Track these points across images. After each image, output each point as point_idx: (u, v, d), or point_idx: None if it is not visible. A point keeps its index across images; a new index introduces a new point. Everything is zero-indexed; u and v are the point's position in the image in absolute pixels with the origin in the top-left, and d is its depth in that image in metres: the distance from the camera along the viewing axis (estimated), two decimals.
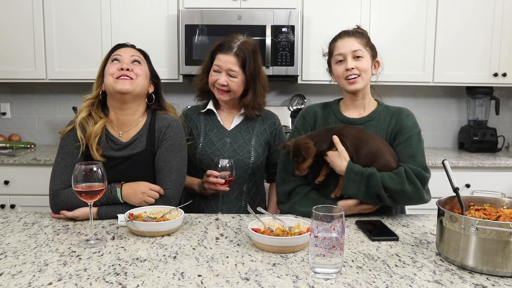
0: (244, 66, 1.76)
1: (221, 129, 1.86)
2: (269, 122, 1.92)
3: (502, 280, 1.04)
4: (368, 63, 1.57)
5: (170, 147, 1.60)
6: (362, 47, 1.57)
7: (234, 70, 1.75)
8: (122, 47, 1.65)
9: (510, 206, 1.24)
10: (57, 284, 1.00)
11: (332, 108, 1.70)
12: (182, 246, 1.26)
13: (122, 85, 1.54)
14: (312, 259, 1.05)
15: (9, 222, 1.47)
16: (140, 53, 1.66)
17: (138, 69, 1.60)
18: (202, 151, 1.82)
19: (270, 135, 1.90)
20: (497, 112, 3.14)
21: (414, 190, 1.46)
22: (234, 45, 1.77)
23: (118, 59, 1.59)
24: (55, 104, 3.37)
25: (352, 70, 1.55)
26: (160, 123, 1.64)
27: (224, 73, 1.76)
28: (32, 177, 2.73)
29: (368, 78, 1.59)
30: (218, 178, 1.69)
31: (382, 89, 1.73)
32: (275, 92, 3.38)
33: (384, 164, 1.51)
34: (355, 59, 1.56)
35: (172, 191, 1.57)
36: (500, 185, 2.73)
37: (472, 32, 2.98)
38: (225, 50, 1.77)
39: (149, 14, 2.92)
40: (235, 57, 1.75)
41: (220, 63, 1.76)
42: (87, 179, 1.26)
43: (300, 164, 1.55)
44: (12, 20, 2.92)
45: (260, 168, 1.89)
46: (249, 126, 1.88)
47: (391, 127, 1.59)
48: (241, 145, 1.84)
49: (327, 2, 2.93)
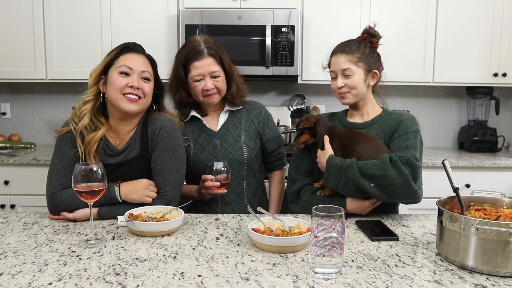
0: (222, 62, 1.76)
1: (209, 132, 1.84)
2: (254, 113, 1.90)
3: (502, 280, 1.04)
4: (358, 79, 1.59)
5: (166, 149, 1.57)
6: (353, 64, 1.59)
7: (216, 70, 1.74)
8: (132, 52, 1.57)
9: (510, 206, 1.24)
10: (57, 284, 1.00)
11: (338, 115, 1.75)
12: (182, 246, 1.26)
13: (129, 105, 1.51)
14: (312, 259, 1.05)
15: (9, 222, 1.47)
16: (149, 63, 1.59)
17: (147, 88, 1.55)
18: (194, 159, 1.81)
19: (258, 125, 1.89)
20: (497, 112, 3.14)
21: (399, 176, 1.42)
22: (201, 47, 1.74)
23: (128, 73, 1.52)
24: (55, 104, 3.37)
25: (342, 88, 1.61)
26: (152, 125, 1.59)
27: (207, 77, 1.73)
28: (32, 177, 2.73)
29: (360, 92, 1.61)
30: (214, 181, 1.67)
31: (382, 89, 1.74)
32: (275, 92, 3.38)
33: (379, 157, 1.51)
34: (345, 77, 1.60)
35: (172, 193, 1.56)
36: (500, 185, 2.73)
37: (472, 32, 2.98)
38: (198, 56, 1.73)
39: (149, 14, 2.92)
40: (211, 58, 1.74)
41: (200, 70, 1.72)
42: (87, 179, 1.26)
43: (298, 136, 1.68)
44: (12, 20, 2.92)
45: (255, 161, 1.88)
46: (236, 122, 1.86)
47: (390, 127, 1.61)
48: (231, 143, 1.83)
49: (327, 2, 2.93)
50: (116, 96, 1.51)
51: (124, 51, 1.56)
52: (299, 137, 1.67)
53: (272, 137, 1.92)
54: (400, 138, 1.55)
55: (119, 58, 1.55)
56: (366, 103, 1.67)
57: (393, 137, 1.58)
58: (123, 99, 1.51)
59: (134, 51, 1.58)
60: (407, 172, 1.42)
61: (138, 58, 1.56)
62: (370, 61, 1.61)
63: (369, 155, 1.51)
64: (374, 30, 1.65)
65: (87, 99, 1.56)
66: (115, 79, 1.51)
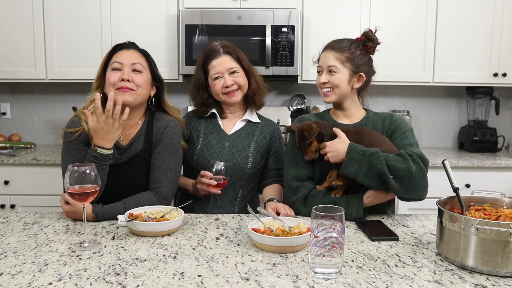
0: (239, 59, 1.81)
1: (221, 133, 1.86)
2: (269, 130, 1.93)
3: (502, 280, 1.04)
4: (342, 78, 1.59)
5: (167, 146, 1.61)
6: (339, 63, 1.59)
7: (233, 66, 1.79)
8: (123, 49, 1.62)
9: (510, 206, 1.24)
10: (57, 284, 1.00)
11: (325, 116, 1.72)
12: (182, 246, 1.26)
13: (122, 95, 1.52)
14: (312, 259, 1.05)
15: (9, 222, 1.47)
16: (141, 56, 1.63)
17: (139, 79, 1.58)
18: (199, 153, 1.82)
19: (269, 142, 1.91)
20: (497, 112, 3.14)
21: (419, 170, 1.46)
22: (218, 47, 1.81)
23: (118, 68, 1.57)
24: (55, 104, 3.37)
25: (325, 84, 1.61)
26: (158, 123, 1.64)
27: (226, 75, 1.78)
28: (32, 177, 2.73)
29: (343, 92, 1.61)
30: (212, 180, 1.67)
31: (382, 89, 1.74)
32: (275, 92, 3.38)
33: (388, 150, 1.52)
34: (329, 74, 1.61)
35: (168, 190, 1.58)
36: (500, 185, 2.73)
37: (472, 32, 2.98)
38: (216, 54, 1.79)
39: (149, 14, 2.92)
40: (228, 56, 1.79)
41: (218, 68, 1.78)
42: (80, 180, 1.25)
43: (307, 149, 1.57)
44: (12, 20, 2.92)
45: (257, 175, 1.88)
46: (250, 133, 1.88)
47: (386, 127, 1.64)
48: (239, 150, 1.83)
49: (327, 2, 2.93)
50: (111, 91, 1.54)
51: (115, 50, 1.62)
52: (309, 148, 1.57)
53: (278, 154, 1.92)
54: (401, 136, 1.59)
55: (112, 57, 1.61)
56: (351, 104, 1.67)
57: (393, 136, 1.60)
58: (117, 93, 1.53)
59: (125, 47, 1.63)
60: (423, 166, 1.49)
61: (128, 52, 1.60)
62: (359, 63, 1.60)
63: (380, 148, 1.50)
64: (374, 35, 1.64)
65: (93, 98, 1.58)
66: (109, 76, 1.57)
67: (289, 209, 1.56)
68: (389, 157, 1.47)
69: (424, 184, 1.49)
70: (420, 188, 1.48)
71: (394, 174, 1.45)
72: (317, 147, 1.57)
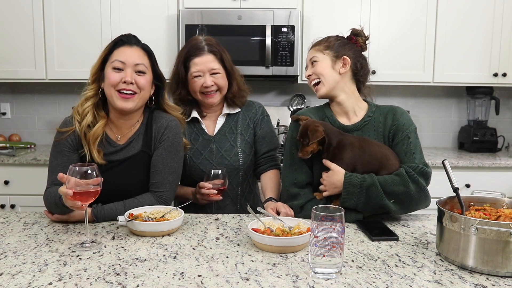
0: (222, 60, 1.76)
1: (205, 136, 1.83)
2: (250, 114, 1.87)
3: (502, 280, 1.04)
4: (325, 65, 1.57)
5: (169, 148, 1.56)
6: (319, 52, 1.59)
7: (215, 67, 1.74)
8: (125, 45, 1.52)
9: (510, 206, 1.24)
10: (57, 284, 1.00)
11: (326, 113, 1.65)
12: (182, 246, 1.26)
13: (124, 103, 1.48)
14: (312, 259, 1.05)
15: (9, 222, 1.47)
16: (144, 54, 1.55)
17: (143, 81, 1.51)
18: (190, 163, 1.80)
19: (253, 128, 1.87)
20: (497, 112, 3.14)
21: (418, 190, 1.44)
22: (203, 44, 1.75)
23: (120, 68, 1.49)
24: (55, 104, 3.37)
25: (310, 77, 1.61)
26: (157, 123, 1.58)
27: (207, 74, 1.73)
28: (32, 177, 2.73)
29: (330, 80, 1.57)
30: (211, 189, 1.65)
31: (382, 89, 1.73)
32: (275, 92, 3.38)
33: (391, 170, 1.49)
34: (312, 66, 1.61)
35: (169, 193, 1.57)
36: (500, 185, 2.73)
37: (472, 32, 2.98)
38: (198, 52, 1.73)
39: (149, 14, 2.92)
40: (212, 55, 1.74)
41: (199, 67, 1.72)
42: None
43: (305, 147, 1.53)
44: (12, 20, 2.92)
45: (250, 167, 1.87)
46: (233, 126, 1.85)
47: (388, 126, 1.58)
48: (227, 149, 1.81)
49: (327, 2, 2.93)
50: (111, 92, 1.49)
51: (117, 45, 1.53)
52: (306, 147, 1.52)
53: (263, 136, 1.86)
54: (403, 141, 1.54)
55: (113, 52, 1.52)
56: (348, 99, 1.60)
57: (395, 140, 1.55)
58: (117, 97, 1.49)
59: (128, 43, 1.53)
60: (424, 184, 1.46)
61: (131, 51, 1.52)
62: (339, 48, 1.58)
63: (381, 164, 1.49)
64: (360, 31, 1.63)
65: (88, 95, 1.54)
66: (109, 75, 1.49)
67: (289, 209, 1.56)
68: (387, 182, 1.45)
69: (425, 199, 1.47)
70: (421, 204, 1.47)
71: (394, 198, 1.45)
72: (314, 148, 1.53)
